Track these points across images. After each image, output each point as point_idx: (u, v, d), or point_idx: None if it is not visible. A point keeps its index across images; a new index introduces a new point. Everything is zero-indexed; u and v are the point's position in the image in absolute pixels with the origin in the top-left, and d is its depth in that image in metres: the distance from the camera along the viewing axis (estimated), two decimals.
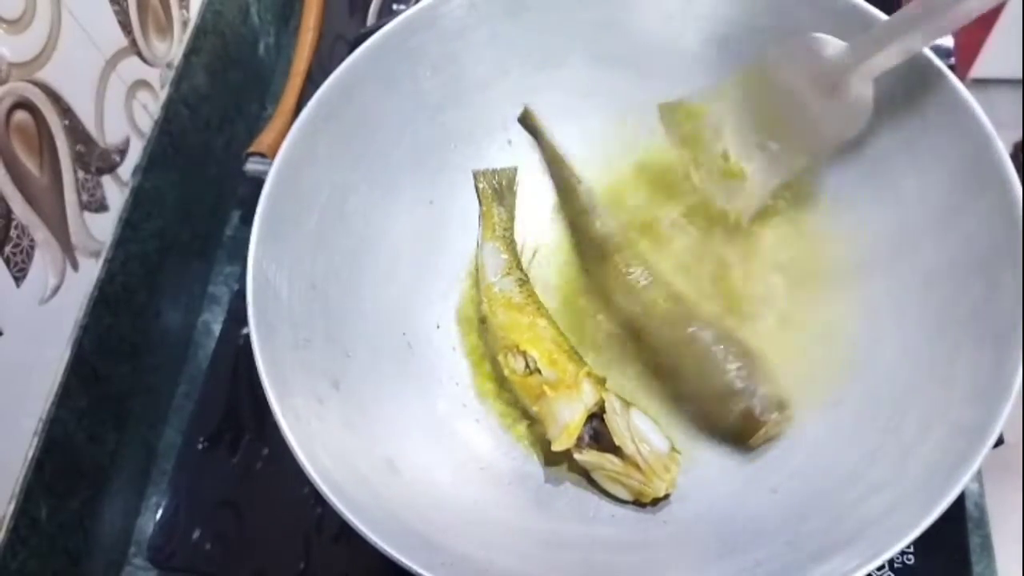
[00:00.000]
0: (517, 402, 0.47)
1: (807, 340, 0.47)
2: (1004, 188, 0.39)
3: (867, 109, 0.43)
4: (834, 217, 0.48)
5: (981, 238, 0.40)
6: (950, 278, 0.41)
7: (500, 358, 0.47)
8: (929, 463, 0.37)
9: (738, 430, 0.43)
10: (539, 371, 0.45)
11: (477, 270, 0.51)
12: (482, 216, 0.52)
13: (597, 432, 0.43)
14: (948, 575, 0.45)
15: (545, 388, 0.44)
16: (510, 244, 0.52)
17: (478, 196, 0.53)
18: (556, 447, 0.43)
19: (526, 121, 0.53)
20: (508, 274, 0.50)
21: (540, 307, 0.49)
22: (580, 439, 0.43)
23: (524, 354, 0.46)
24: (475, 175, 0.53)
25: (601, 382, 0.45)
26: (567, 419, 0.43)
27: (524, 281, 0.50)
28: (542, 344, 0.46)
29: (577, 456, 0.43)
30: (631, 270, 0.48)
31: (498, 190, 0.53)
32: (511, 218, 0.52)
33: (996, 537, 0.47)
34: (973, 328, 0.39)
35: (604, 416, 0.43)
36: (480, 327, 0.50)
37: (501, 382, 0.48)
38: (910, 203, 0.44)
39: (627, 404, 0.44)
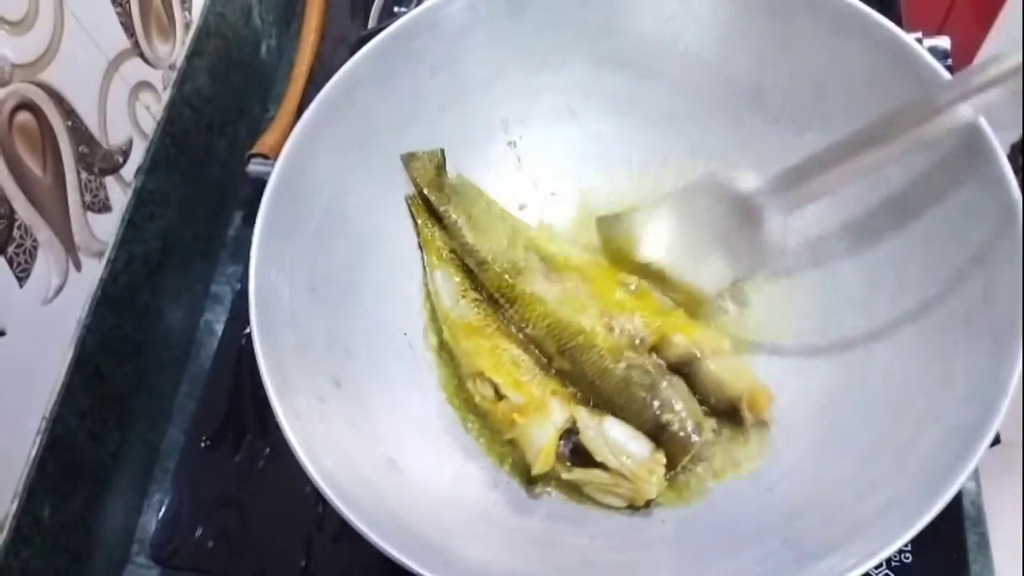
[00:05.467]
0: (495, 430, 0.46)
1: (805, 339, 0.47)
2: (1002, 188, 0.39)
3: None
4: (832, 218, 0.48)
5: (979, 238, 0.40)
6: (948, 277, 0.42)
7: (469, 386, 0.46)
8: (926, 462, 0.37)
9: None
10: (506, 397, 0.44)
11: (431, 299, 0.50)
12: (423, 246, 0.51)
13: (576, 445, 0.43)
14: (945, 574, 0.45)
15: (514, 416, 0.43)
16: (459, 265, 0.50)
17: (415, 227, 0.51)
18: (536, 471, 0.42)
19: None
20: (463, 296, 0.49)
21: (499, 326, 0.48)
22: (561, 456, 0.42)
23: (490, 380, 0.45)
24: (407, 199, 0.51)
25: (569, 398, 0.44)
26: (541, 443, 0.42)
27: (480, 301, 0.49)
28: (504, 369, 0.45)
29: (565, 476, 0.43)
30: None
31: (431, 183, 0.50)
32: (453, 236, 0.50)
33: (993, 536, 0.47)
34: (971, 327, 0.40)
35: (580, 435, 0.42)
36: (445, 355, 0.49)
37: (476, 409, 0.47)
38: (907, 203, 0.44)
39: (599, 415, 0.43)
